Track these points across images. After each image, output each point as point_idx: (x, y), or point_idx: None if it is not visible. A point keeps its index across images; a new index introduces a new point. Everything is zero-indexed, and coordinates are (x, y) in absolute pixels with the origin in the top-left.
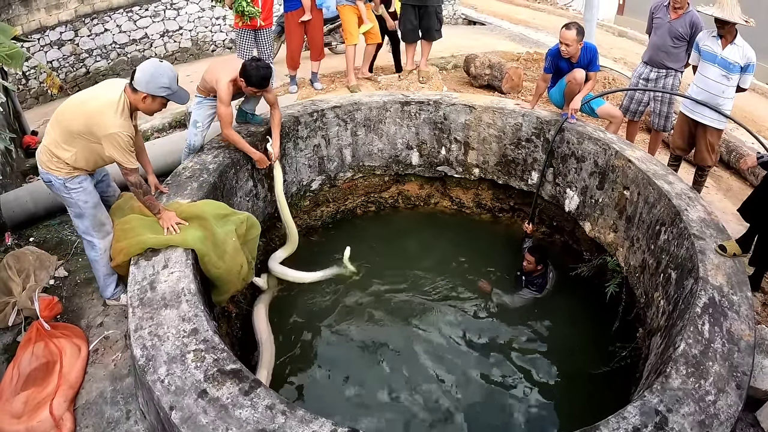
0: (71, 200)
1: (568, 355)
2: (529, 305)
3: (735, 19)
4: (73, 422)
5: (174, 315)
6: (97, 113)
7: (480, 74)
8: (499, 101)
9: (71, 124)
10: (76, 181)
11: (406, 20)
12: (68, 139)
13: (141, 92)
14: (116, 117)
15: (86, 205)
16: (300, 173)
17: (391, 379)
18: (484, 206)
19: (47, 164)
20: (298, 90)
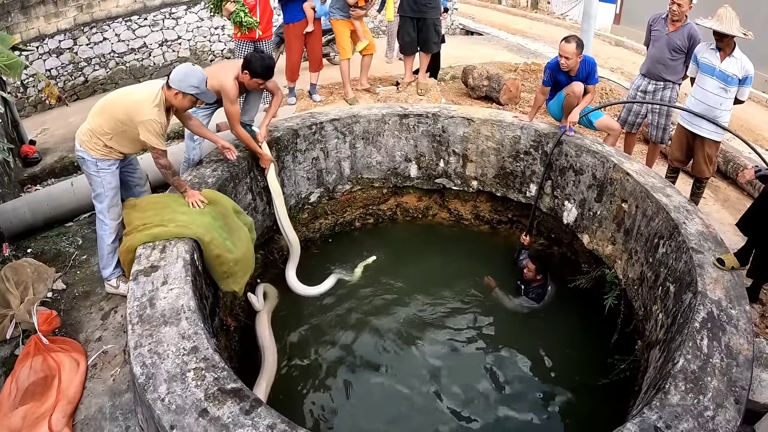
0: (98, 179)
1: (567, 367)
2: (527, 315)
3: (734, 32)
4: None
5: (174, 332)
6: (138, 103)
7: (478, 85)
8: (497, 114)
9: (115, 111)
10: (107, 163)
11: (404, 32)
12: (110, 124)
13: (174, 89)
14: (152, 107)
15: (109, 186)
16: (299, 186)
17: (391, 392)
18: (482, 218)
19: (86, 143)
20: (297, 102)
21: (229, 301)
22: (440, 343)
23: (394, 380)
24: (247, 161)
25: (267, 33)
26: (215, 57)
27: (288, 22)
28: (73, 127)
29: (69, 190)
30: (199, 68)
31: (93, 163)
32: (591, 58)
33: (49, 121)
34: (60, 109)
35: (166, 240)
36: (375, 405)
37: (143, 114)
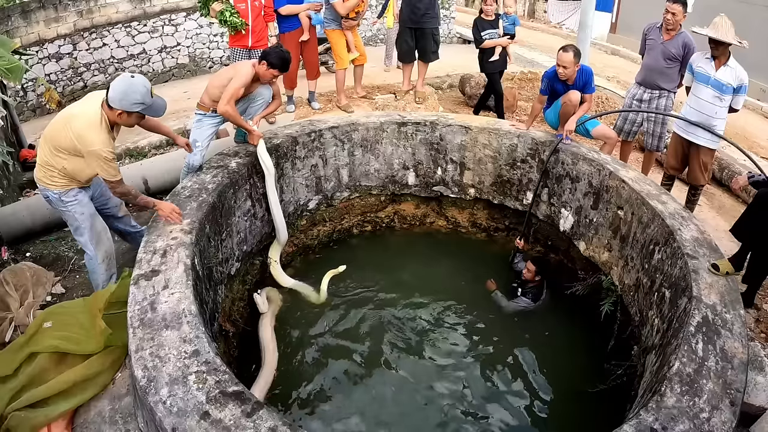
0: (68, 213)
1: (565, 373)
2: (525, 321)
3: (729, 40)
4: None
5: (175, 336)
6: (80, 131)
7: (475, 94)
8: (494, 122)
9: (60, 141)
10: (71, 194)
11: (402, 41)
12: (58, 154)
13: (116, 109)
14: (97, 134)
15: (82, 217)
16: (297, 193)
17: (388, 394)
18: (479, 226)
19: (43, 180)
20: (296, 109)
21: (227, 307)
22: (438, 347)
23: (392, 383)
24: (247, 168)
25: (261, 43)
26: (214, 64)
27: (283, 32)
28: None
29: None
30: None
31: (57, 198)
32: (588, 68)
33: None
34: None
35: None
36: (373, 407)
37: (88, 143)
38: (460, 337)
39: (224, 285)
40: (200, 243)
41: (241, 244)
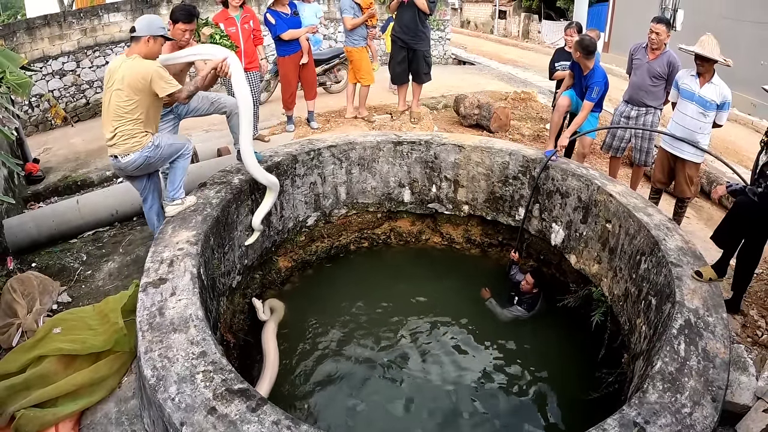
0: (162, 149)
1: (558, 382)
2: (519, 332)
3: (715, 56)
4: None
5: (183, 339)
6: (134, 69)
7: (469, 114)
8: (487, 141)
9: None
10: (151, 145)
11: (395, 63)
12: (130, 110)
13: (143, 37)
14: (146, 63)
15: (167, 140)
16: (296, 209)
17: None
18: (473, 242)
19: (129, 148)
20: (295, 129)
21: (228, 318)
22: (432, 357)
23: (386, 390)
24: (249, 185)
25: (253, 65)
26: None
27: (283, 55)
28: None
29: (74, 208)
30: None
31: (151, 148)
32: (601, 73)
33: (50, 141)
34: (62, 129)
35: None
36: (368, 411)
37: (146, 71)
38: (455, 347)
39: (226, 297)
40: (205, 254)
41: (242, 257)
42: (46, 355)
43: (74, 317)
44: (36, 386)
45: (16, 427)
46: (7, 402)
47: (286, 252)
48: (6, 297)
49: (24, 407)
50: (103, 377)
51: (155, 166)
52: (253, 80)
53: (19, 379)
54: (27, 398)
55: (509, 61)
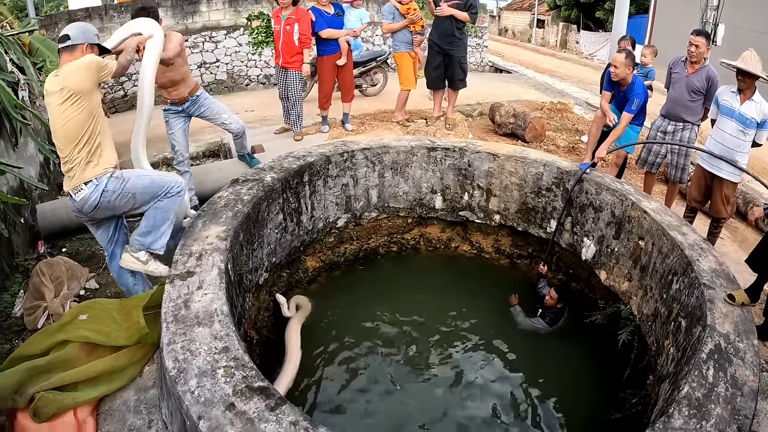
0: (130, 184)
1: (580, 400)
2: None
3: (757, 72)
4: (95, 426)
5: (206, 333)
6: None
7: (504, 122)
8: (521, 150)
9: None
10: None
11: (431, 68)
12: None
13: (80, 46)
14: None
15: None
16: (327, 210)
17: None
18: (503, 252)
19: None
20: (330, 129)
21: (253, 315)
22: (455, 365)
23: (407, 394)
24: (281, 183)
25: (292, 65)
26: (251, 82)
27: (321, 55)
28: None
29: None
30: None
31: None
32: (641, 85)
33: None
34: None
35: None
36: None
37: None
38: (477, 358)
39: (252, 293)
40: (233, 250)
41: (270, 255)
42: (70, 341)
43: (101, 307)
44: (57, 369)
45: (35, 409)
46: (27, 383)
47: (314, 252)
48: (34, 280)
49: (44, 389)
50: (124, 366)
51: (120, 208)
52: (293, 79)
53: (42, 362)
54: (47, 381)
55: (546, 70)
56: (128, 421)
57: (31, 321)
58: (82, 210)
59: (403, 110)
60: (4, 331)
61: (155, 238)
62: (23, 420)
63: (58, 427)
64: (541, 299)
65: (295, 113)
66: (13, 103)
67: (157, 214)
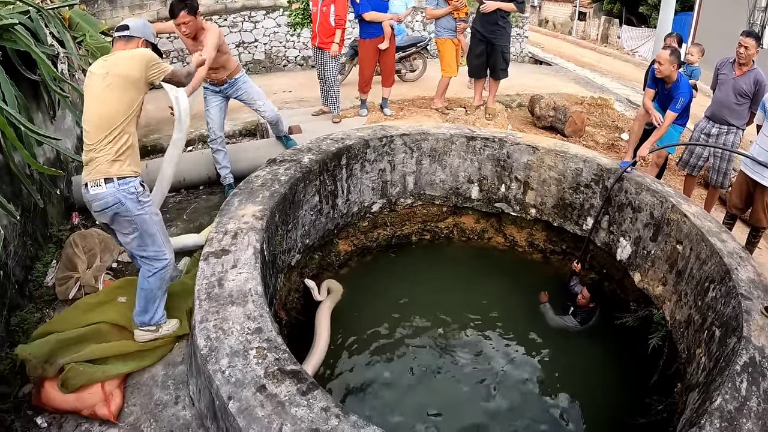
0: (144, 217)
1: (605, 402)
2: (571, 343)
3: None
4: (121, 398)
5: (240, 312)
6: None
7: (544, 115)
8: (562, 144)
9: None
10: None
11: (473, 55)
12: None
13: (136, 39)
14: (138, 49)
15: (157, 218)
16: (363, 194)
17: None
18: (536, 246)
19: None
20: (368, 113)
21: (284, 295)
22: (480, 357)
23: (432, 383)
24: (319, 165)
25: (326, 46)
26: (288, 63)
27: (364, 37)
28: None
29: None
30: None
31: (134, 200)
32: (686, 83)
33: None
34: None
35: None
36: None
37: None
38: (505, 351)
39: (284, 274)
40: (269, 230)
41: (304, 237)
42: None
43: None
44: (88, 341)
45: (64, 379)
46: (57, 353)
47: (347, 236)
48: (68, 251)
49: (75, 361)
50: (156, 345)
51: (118, 227)
52: (328, 59)
53: (73, 333)
54: (78, 353)
55: (586, 64)
56: (155, 395)
57: (62, 291)
58: (89, 205)
59: (443, 97)
60: (36, 300)
61: (152, 314)
62: (50, 389)
63: (85, 398)
64: (573, 297)
65: (332, 94)
66: (53, 75)
67: (148, 294)
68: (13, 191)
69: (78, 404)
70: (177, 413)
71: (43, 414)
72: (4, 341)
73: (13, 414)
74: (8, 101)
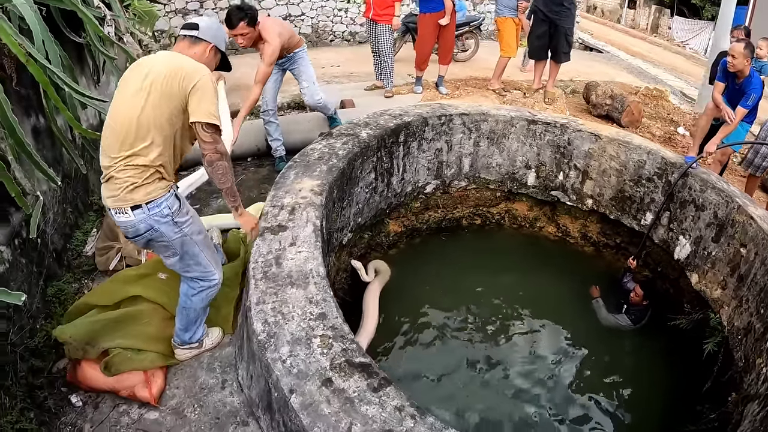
0: (185, 240)
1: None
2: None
3: None
4: (163, 380)
5: (300, 295)
6: (181, 66)
7: (600, 103)
8: (625, 134)
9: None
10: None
11: (534, 36)
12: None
13: (205, 43)
14: (199, 64)
15: (199, 237)
16: (418, 174)
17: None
18: (588, 239)
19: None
20: (423, 91)
21: (333, 275)
22: (528, 347)
23: (477, 371)
24: (377, 141)
25: (382, 18)
26: (335, 38)
27: (424, 11)
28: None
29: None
30: None
31: (170, 221)
32: (759, 80)
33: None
34: None
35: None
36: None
37: (198, 67)
38: (553, 344)
39: (335, 253)
40: (327, 206)
41: (356, 215)
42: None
43: None
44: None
45: (108, 363)
46: (99, 336)
47: (398, 216)
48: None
49: (122, 347)
50: None
51: (158, 250)
52: (382, 32)
53: (113, 315)
54: (123, 337)
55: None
56: (200, 378)
57: (102, 262)
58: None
59: (500, 78)
60: (74, 269)
61: (193, 332)
62: (87, 367)
63: (124, 379)
64: (625, 294)
65: (386, 68)
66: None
67: (190, 313)
68: (54, 156)
69: (116, 384)
70: (223, 399)
71: (77, 392)
72: (39, 312)
73: (47, 390)
74: (52, 60)
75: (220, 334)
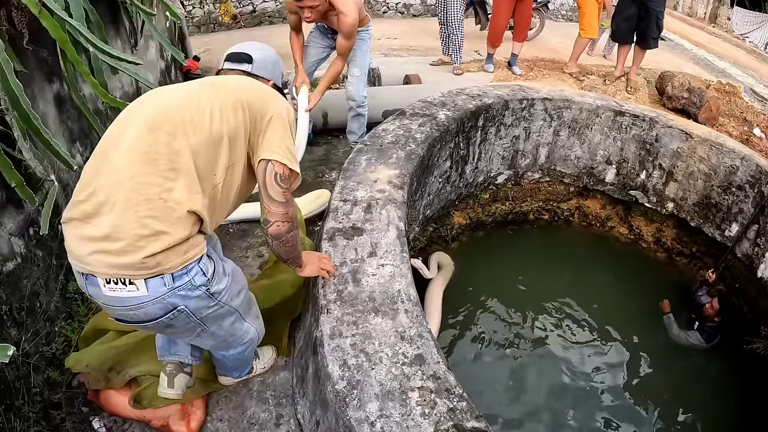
0: (219, 312)
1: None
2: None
3: None
4: (203, 411)
5: (388, 328)
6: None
7: (676, 96)
8: (717, 135)
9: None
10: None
11: (621, 17)
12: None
13: (265, 80)
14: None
15: (238, 300)
16: (492, 163)
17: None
18: (662, 244)
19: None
20: (495, 70)
21: None
22: (592, 355)
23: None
24: (457, 124)
25: None
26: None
27: None
28: None
29: None
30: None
31: (205, 294)
32: None
33: (213, 42)
34: (225, 32)
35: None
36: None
37: (276, 96)
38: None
39: None
40: (408, 202)
41: (426, 207)
42: None
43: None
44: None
45: (139, 396)
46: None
47: (465, 207)
48: None
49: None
50: None
51: (177, 332)
52: (449, 2)
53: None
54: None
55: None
56: (248, 409)
57: None
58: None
59: (577, 61)
60: None
61: (245, 368)
62: (115, 393)
63: (158, 409)
64: (697, 308)
65: (455, 42)
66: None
67: (240, 360)
68: (81, 129)
69: (147, 414)
70: None
71: (100, 415)
72: (58, 312)
73: (65, 409)
74: (74, 12)
75: (273, 355)
